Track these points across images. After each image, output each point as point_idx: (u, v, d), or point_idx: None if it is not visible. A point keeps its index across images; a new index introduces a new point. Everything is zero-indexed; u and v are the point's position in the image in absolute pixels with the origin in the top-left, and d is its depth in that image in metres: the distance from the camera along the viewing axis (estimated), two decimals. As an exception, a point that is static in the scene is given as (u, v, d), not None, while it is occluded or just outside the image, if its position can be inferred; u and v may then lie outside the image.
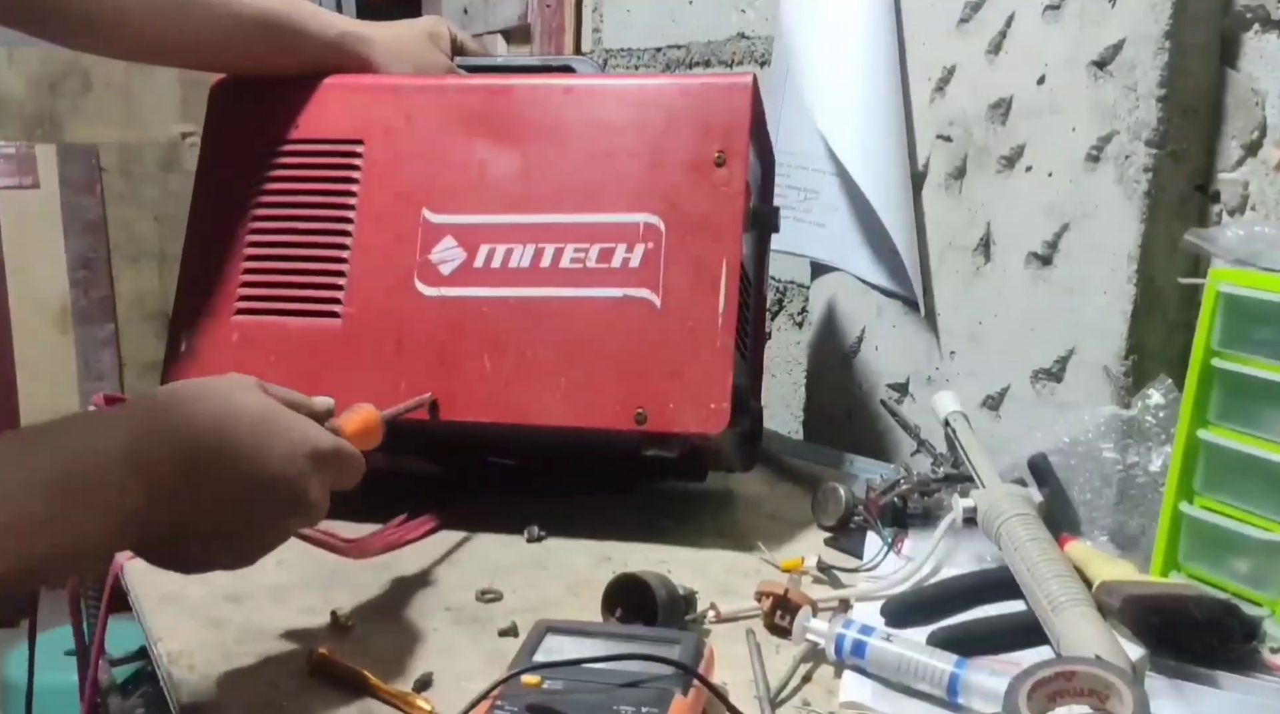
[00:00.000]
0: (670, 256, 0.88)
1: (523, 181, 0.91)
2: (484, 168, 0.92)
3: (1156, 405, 0.82)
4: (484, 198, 0.92)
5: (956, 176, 1.02)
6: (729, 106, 0.90)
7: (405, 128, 0.95)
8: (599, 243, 0.88)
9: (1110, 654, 0.61)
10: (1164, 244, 0.87)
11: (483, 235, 0.91)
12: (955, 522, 0.81)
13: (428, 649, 0.71)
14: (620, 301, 0.87)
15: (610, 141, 0.91)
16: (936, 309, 1.06)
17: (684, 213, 0.88)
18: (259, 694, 0.65)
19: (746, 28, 1.41)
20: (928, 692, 0.64)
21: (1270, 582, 0.72)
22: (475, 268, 0.90)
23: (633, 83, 0.96)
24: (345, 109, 0.97)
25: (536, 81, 0.96)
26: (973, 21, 1.00)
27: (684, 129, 0.90)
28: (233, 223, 0.96)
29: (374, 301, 0.92)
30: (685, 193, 0.89)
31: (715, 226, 0.88)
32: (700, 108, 0.90)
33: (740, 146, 0.89)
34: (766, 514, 0.97)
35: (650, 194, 0.89)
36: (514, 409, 0.88)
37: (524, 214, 0.91)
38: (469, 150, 0.93)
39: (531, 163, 0.92)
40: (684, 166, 0.89)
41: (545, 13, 1.87)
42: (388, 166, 0.94)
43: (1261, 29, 0.83)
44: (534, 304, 0.89)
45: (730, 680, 0.66)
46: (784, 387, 1.39)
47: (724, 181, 0.88)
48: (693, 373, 0.86)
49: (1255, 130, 0.84)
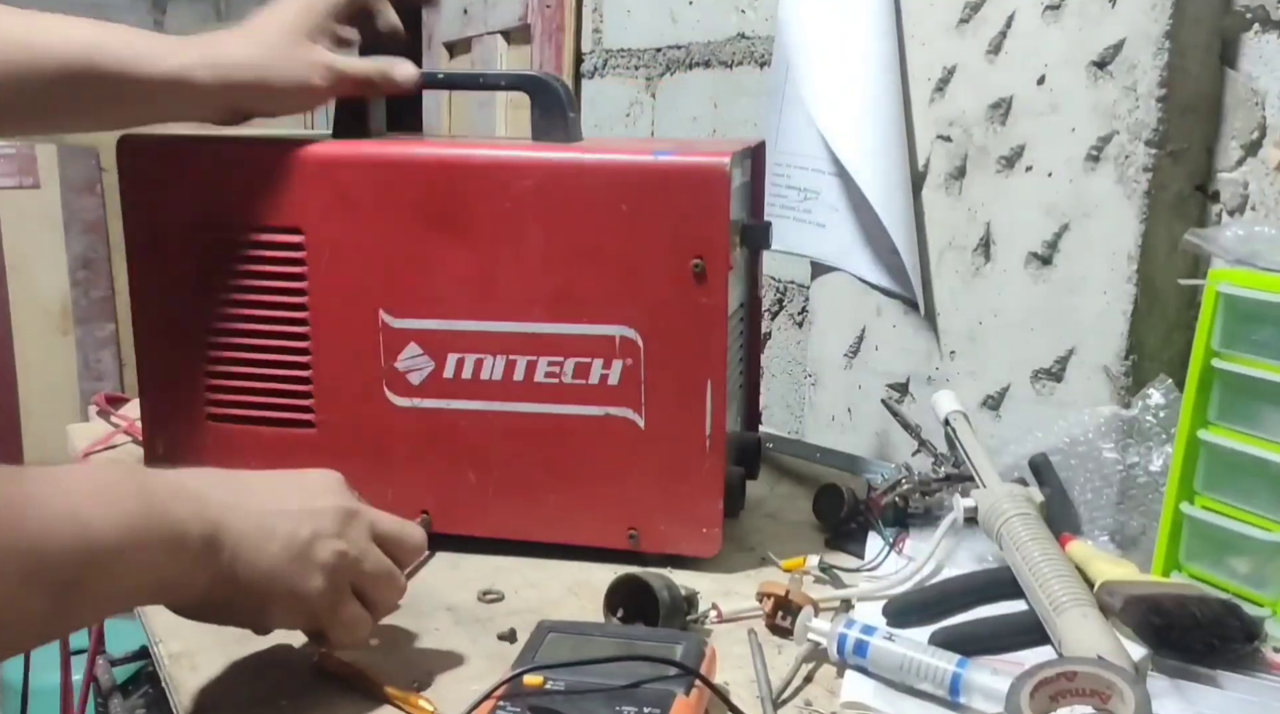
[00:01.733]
0: (651, 374, 0.81)
1: (483, 282, 0.82)
2: (439, 263, 0.83)
3: (1156, 405, 0.82)
4: (443, 300, 0.83)
5: (956, 176, 1.02)
6: (705, 204, 0.79)
7: (343, 212, 0.83)
8: (573, 357, 0.82)
9: (1112, 654, 0.61)
10: (1164, 244, 0.87)
11: (448, 343, 0.83)
12: (956, 521, 0.81)
13: (429, 650, 0.71)
14: (602, 420, 0.82)
15: (574, 239, 0.81)
16: (936, 309, 1.06)
17: (662, 328, 0.81)
18: (259, 695, 0.65)
19: (746, 28, 1.41)
20: (929, 691, 0.64)
21: (1271, 582, 0.72)
22: (446, 378, 0.84)
23: (594, 160, 0.81)
24: (274, 188, 0.84)
25: (485, 155, 0.83)
26: (973, 21, 1.00)
27: (655, 227, 0.79)
28: (184, 321, 0.88)
29: (347, 410, 0.86)
30: (662, 305, 0.80)
31: (697, 344, 0.80)
32: (673, 205, 0.79)
33: (720, 250, 0.79)
34: (767, 514, 0.97)
35: (625, 304, 0.81)
36: (506, 525, 0.85)
37: (489, 321, 0.83)
38: (419, 240, 0.83)
39: (489, 260, 0.82)
40: (658, 274, 0.80)
41: (545, 13, 1.87)
42: (333, 260, 0.84)
43: (1261, 29, 0.83)
44: (513, 419, 0.83)
45: (732, 681, 0.67)
46: (784, 387, 1.39)
47: (705, 294, 0.79)
48: (682, 496, 0.82)
49: (1255, 130, 0.84)
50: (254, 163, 0.85)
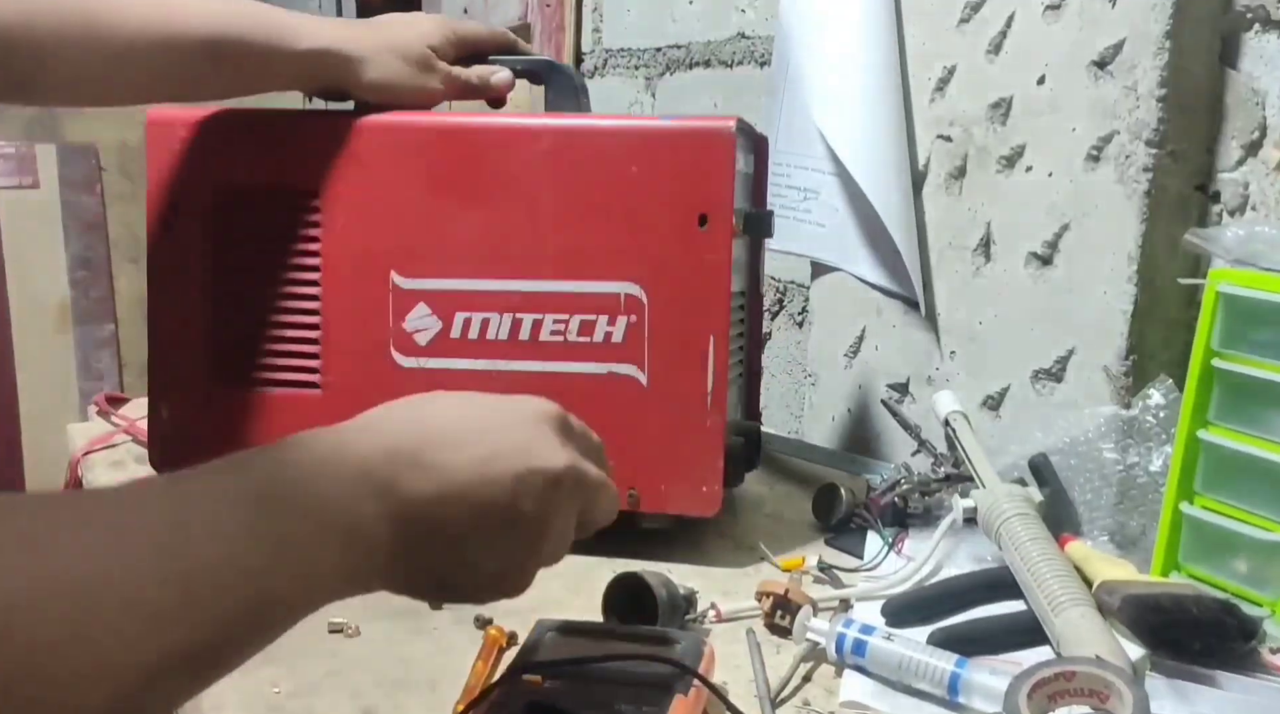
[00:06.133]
0: (654, 331, 0.83)
1: (492, 242, 0.85)
2: (451, 224, 0.86)
3: (1156, 405, 0.82)
4: (453, 260, 0.86)
5: (956, 176, 1.02)
6: (710, 160, 0.82)
7: (361, 179, 0.87)
8: (579, 314, 0.84)
9: (1110, 654, 0.61)
10: (1164, 244, 0.87)
11: (457, 302, 0.86)
12: (955, 521, 0.81)
13: (428, 649, 0.71)
14: (606, 378, 0.84)
15: (584, 199, 0.84)
16: (936, 309, 1.06)
17: (666, 284, 0.83)
18: (260, 694, 0.65)
19: (746, 28, 1.41)
20: (928, 691, 0.64)
21: (1270, 582, 0.72)
22: (453, 338, 0.86)
23: (605, 125, 0.86)
24: (295, 156, 0.89)
25: (496, 123, 0.88)
26: (973, 21, 1.00)
27: (662, 186, 0.83)
28: (195, 285, 0.90)
29: (353, 371, 0.87)
30: (667, 261, 0.83)
31: (700, 299, 0.83)
32: (679, 161, 0.83)
33: (724, 207, 0.82)
34: (766, 514, 0.97)
35: (630, 260, 0.83)
36: None
37: (497, 280, 0.85)
38: (432, 204, 0.86)
39: (500, 221, 0.85)
40: (664, 231, 0.83)
41: (545, 12, 1.87)
42: (347, 222, 0.88)
43: (1261, 29, 0.83)
44: (518, 378, 0.85)
45: (730, 680, 0.66)
46: (784, 387, 1.39)
47: (708, 248, 0.82)
48: (683, 454, 0.83)
49: (1255, 130, 0.84)
50: (276, 131, 0.90)
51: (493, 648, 0.67)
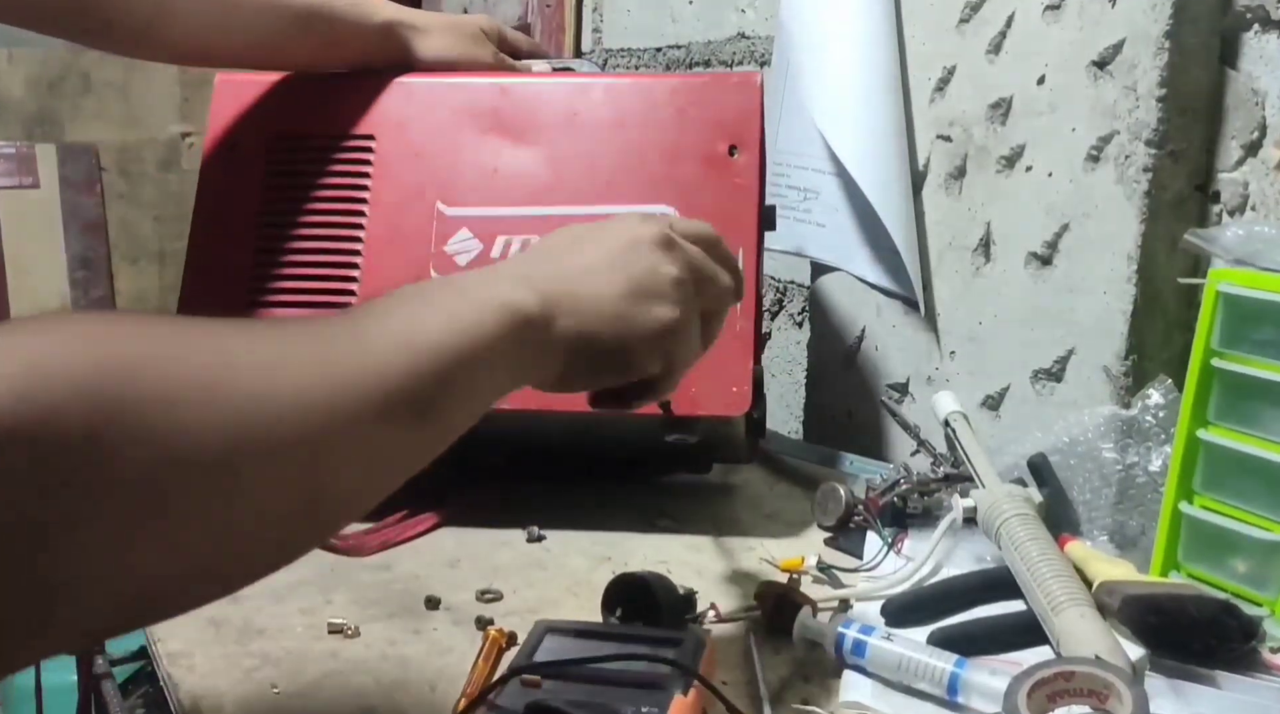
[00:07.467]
0: None
1: (537, 175, 0.94)
2: (498, 162, 0.95)
3: (1156, 405, 0.82)
4: (498, 191, 0.94)
5: (956, 176, 1.02)
6: (739, 101, 0.94)
7: (418, 124, 0.96)
8: None
9: (1110, 654, 0.61)
10: (1164, 244, 0.87)
11: (499, 227, 0.93)
12: (955, 522, 0.81)
13: (428, 649, 0.71)
14: None
15: (623, 136, 0.94)
16: (936, 309, 1.06)
17: (699, 203, 0.91)
18: (259, 694, 0.65)
19: (746, 28, 1.41)
20: (928, 691, 0.64)
21: (1269, 582, 0.72)
22: (492, 258, 0.91)
23: (644, 80, 1.00)
24: (356, 105, 0.97)
25: (548, 80, 0.99)
26: (973, 21, 1.00)
27: (696, 123, 0.93)
28: (241, 214, 0.97)
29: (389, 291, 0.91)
30: (700, 184, 0.92)
31: (731, 216, 0.90)
32: (711, 102, 0.94)
33: (752, 139, 0.92)
34: (766, 514, 0.97)
35: (665, 186, 0.92)
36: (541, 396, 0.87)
37: (539, 207, 0.93)
38: (482, 145, 0.95)
39: (545, 157, 0.94)
40: (698, 159, 0.92)
41: (545, 12, 1.87)
42: (400, 161, 0.96)
43: (1261, 29, 0.83)
44: None
45: (730, 680, 0.66)
46: (784, 386, 1.39)
47: (738, 172, 0.92)
48: (714, 358, 0.84)
49: (1255, 130, 0.84)
50: (340, 87, 0.98)
51: (493, 648, 0.67)
